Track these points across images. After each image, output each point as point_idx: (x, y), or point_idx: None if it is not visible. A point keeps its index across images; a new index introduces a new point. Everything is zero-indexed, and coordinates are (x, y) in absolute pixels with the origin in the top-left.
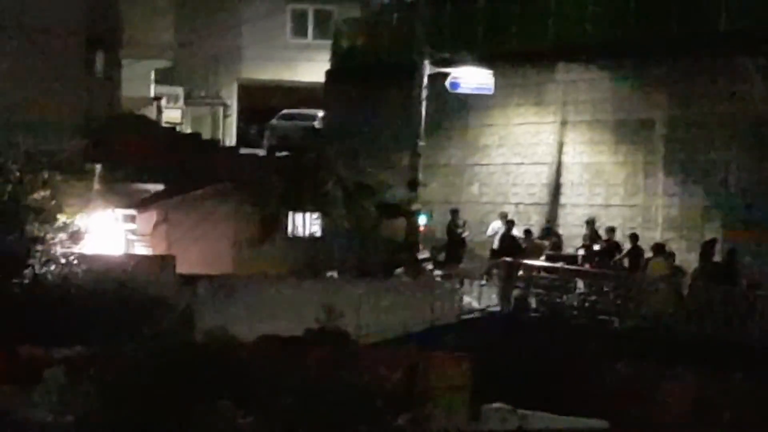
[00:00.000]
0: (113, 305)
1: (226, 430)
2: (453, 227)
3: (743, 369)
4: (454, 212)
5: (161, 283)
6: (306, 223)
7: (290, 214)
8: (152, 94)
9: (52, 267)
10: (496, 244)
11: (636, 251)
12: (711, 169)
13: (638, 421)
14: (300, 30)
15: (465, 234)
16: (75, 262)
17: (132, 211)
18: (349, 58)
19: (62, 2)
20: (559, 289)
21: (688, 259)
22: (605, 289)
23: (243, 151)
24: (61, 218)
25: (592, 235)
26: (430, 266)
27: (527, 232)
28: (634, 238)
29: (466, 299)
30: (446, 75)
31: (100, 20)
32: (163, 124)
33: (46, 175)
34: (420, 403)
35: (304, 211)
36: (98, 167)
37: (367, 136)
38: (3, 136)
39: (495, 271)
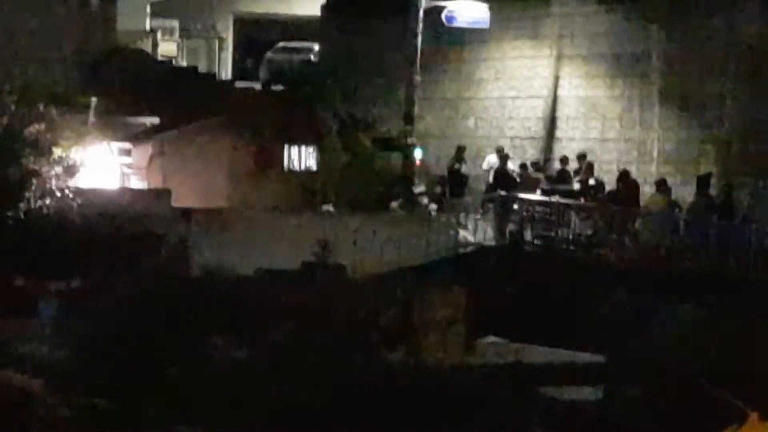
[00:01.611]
0: (108, 239)
1: (221, 363)
2: (456, 163)
3: (738, 302)
4: (461, 149)
5: (156, 217)
6: (302, 157)
7: (286, 147)
8: (148, 28)
9: (48, 200)
10: (491, 178)
11: (629, 186)
12: (707, 103)
13: (634, 354)
14: None
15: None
16: (70, 195)
17: (127, 145)
18: None
19: None
20: (554, 223)
21: (683, 192)
22: (600, 222)
23: (239, 84)
24: (57, 151)
25: (586, 169)
26: (425, 200)
27: (523, 166)
28: (625, 174)
29: (462, 233)
30: (442, 8)
31: None
32: (159, 58)
33: (41, 108)
34: (415, 336)
35: (299, 144)
36: (94, 100)
37: (363, 69)
38: None
39: (490, 205)
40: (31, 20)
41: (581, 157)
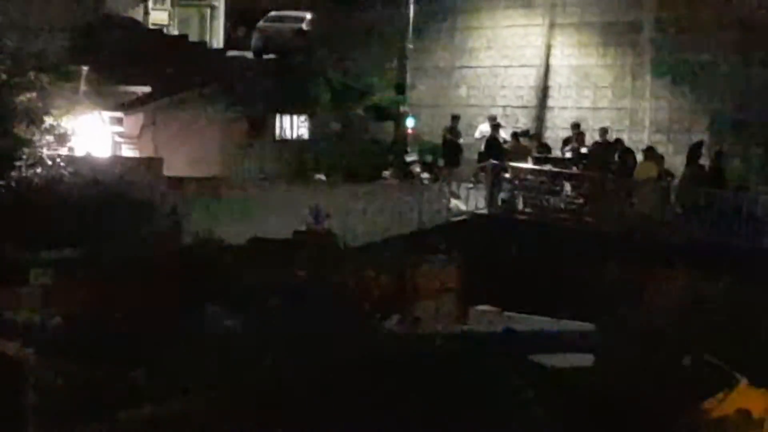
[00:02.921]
0: (100, 208)
1: (214, 332)
2: (450, 132)
3: (729, 271)
4: (455, 117)
5: (148, 186)
6: (294, 126)
7: (278, 116)
8: None
9: (39, 169)
10: (483, 147)
11: (625, 155)
12: (699, 72)
13: (625, 323)
14: None
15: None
16: (62, 164)
17: (119, 114)
18: None
19: None
20: (546, 191)
21: (675, 161)
22: (592, 191)
23: (230, 53)
24: (48, 120)
25: (577, 138)
26: (417, 169)
27: (515, 135)
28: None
29: (454, 202)
30: None
31: None
32: (150, 26)
33: (32, 77)
34: (407, 305)
35: (291, 113)
36: (85, 69)
37: (355, 38)
38: None
39: (482, 173)
40: None
41: (575, 126)
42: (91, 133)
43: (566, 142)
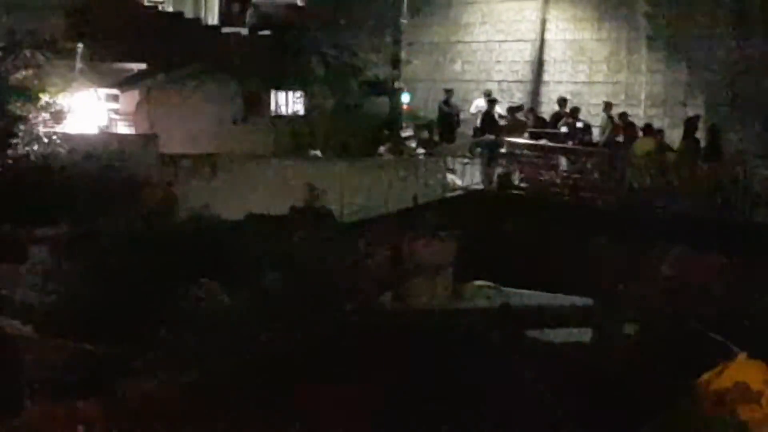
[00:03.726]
0: (96, 184)
1: (210, 309)
2: (445, 107)
3: (726, 247)
4: (448, 91)
5: (144, 163)
6: (289, 102)
7: (273, 92)
8: None
9: (35, 146)
10: (478, 122)
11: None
12: (694, 46)
13: (623, 297)
14: None
15: (457, 113)
16: (58, 141)
17: (114, 91)
18: None
19: None
20: (542, 166)
21: (672, 135)
22: (588, 166)
23: (225, 30)
24: (44, 97)
25: (572, 112)
26: (413, 144)
27: (511, 109)
28: (624, 116)
29: (450, 177)
30: None
31: None
32: (145, 3)
33: (27, 54)
34: (403, 281)
35: (287, 89)
36: (80, 46)
37: (350, 14)
38: None
39: (478, 149)
40: None
41: (562, 101)
42: (87, 110)
43: (557, 116)
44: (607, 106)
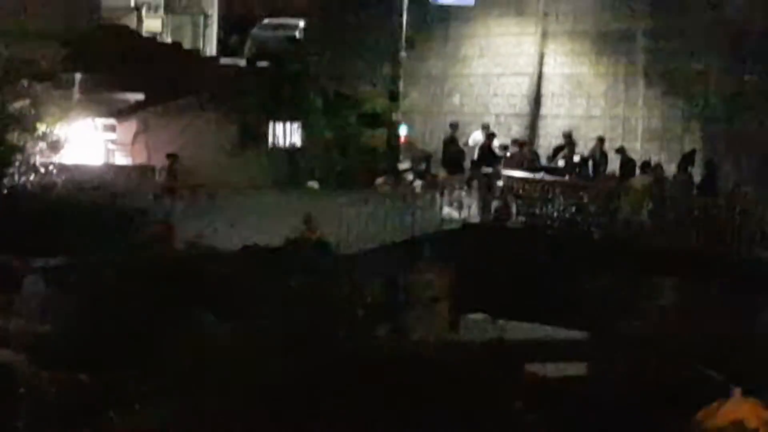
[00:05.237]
0: (93, 215)
1: (206, 340)
2: (452, 140)
3: (720, 280)
4: (454, 126)
5: (141, 193)
6: (286, 134)
7: (271, 124)
8: (132, 4)
9: (32, 176)
10: (476, 155)
11: (627, 164)
12: (692, 80)
13: (618, 331)
14: None
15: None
16: (55, 171)
17: (112, 121)
18: None
19: None
20: (539, 200)
21: (669, 170)
22: (585, 200)
23: (223, 60)
24: (41, 127)
25: (569, 147)
26: (410, 177)
27: (515, 142)
28: (621, 150)
29: (446, 210)
30: None
31: None
32: (144, 34)
33: (25, 84)
34: (400, 313)
35: (284, 121)
36: (78, 77)
37: (348, 46)
38: None
39: (475, 181)
40: None
41: (567, 136)
42: (84, 141)
43: (556, 150)
44: (600, 141)
